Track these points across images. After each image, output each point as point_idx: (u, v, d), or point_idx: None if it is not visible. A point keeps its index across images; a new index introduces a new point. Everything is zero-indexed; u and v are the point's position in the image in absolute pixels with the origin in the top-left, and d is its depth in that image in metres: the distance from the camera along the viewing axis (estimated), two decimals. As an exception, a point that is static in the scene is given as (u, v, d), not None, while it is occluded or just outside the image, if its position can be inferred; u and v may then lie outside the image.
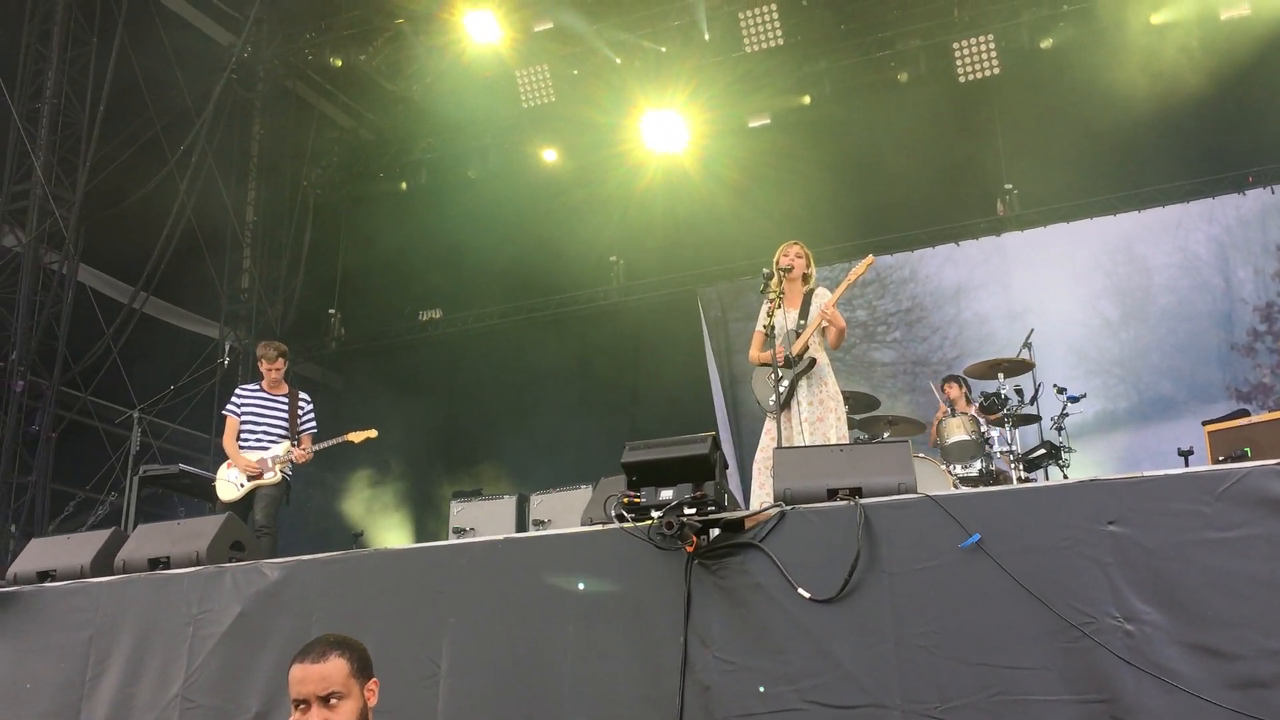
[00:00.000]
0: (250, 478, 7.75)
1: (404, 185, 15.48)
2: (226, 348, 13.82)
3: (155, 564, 5.72)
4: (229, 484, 7.78)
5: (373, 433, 8.21)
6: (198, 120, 12.88)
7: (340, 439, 8.10)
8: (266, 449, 7.84)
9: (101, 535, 6.07)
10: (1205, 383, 11.34)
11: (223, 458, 7.96)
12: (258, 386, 8.13)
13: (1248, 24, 11.18)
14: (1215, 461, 6.98)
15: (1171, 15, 11.58)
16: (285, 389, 8.15)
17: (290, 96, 14.97)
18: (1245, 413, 8.33)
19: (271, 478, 7.76)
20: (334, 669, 3.03)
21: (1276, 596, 3.67)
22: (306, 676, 3.02)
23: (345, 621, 4.66)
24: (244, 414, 7.97)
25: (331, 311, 15.42)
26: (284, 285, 14.84)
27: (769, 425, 6.53)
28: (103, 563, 5.87)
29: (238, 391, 8.21)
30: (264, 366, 8.12)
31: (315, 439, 8.11)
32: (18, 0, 11.85)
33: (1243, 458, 6.55)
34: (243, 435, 7.89)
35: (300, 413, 8.06)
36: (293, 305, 14.78)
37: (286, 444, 7.86)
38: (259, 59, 14.33)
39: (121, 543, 5.99)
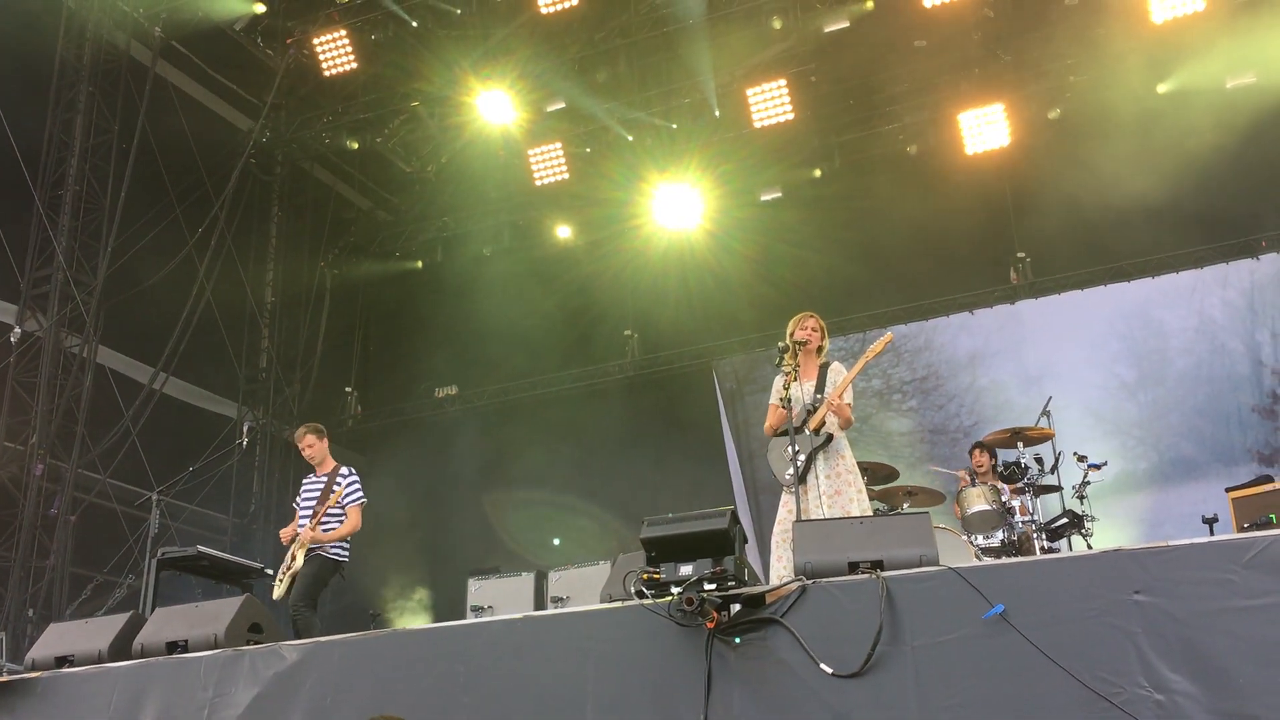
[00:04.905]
0: (287, 569, 7.63)
1: (420, 264, 15.66)
2: (245, 428, 13.87)
3: (173, 647, 5.69)
4: (276, 581, 7.69)
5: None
6: (217, 203, 13.08)
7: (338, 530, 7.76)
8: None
9: (119, 619, 6.06)
10: (1226, 445, 11.27)
11: (240, 539, 7.91)
12: (314, 471, 8.03)
13: (1254, 91, 11.29)
14: (1240, 528, 6.90)
15: (1177, 84, 11.72)
16: (330, 467, 7.97)
17: (308, 179, 15.22)
18: (1269, 479, 8.23)
19: (296, 565, 7.57)
20: None
21: (1308, 664, 3.61)
22: None
23: (363, 703, 4.62)
24: (301, 502, 7.89)
25: (349, 389, 15.49)
26: (301, 364, 14.92)
27: (786, 498, 6.50)
28: (121, 646, 5.85)
29: (303, 479, 8.12)
30: (303, 453, 8.00)
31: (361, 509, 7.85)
32: (42, 89, 12.12)
33: (1268, 524, 6.48)
34: (300, 522, 7.76)
35: (336, 487, 7.81)
36: (310, 384, 14.86)
37: (309, 525, 7.67)
38: (277, 143, 14.60)
39: (140, 626, 5.97)
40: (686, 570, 4.59)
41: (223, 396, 14.14)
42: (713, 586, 4.48)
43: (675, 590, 4.51)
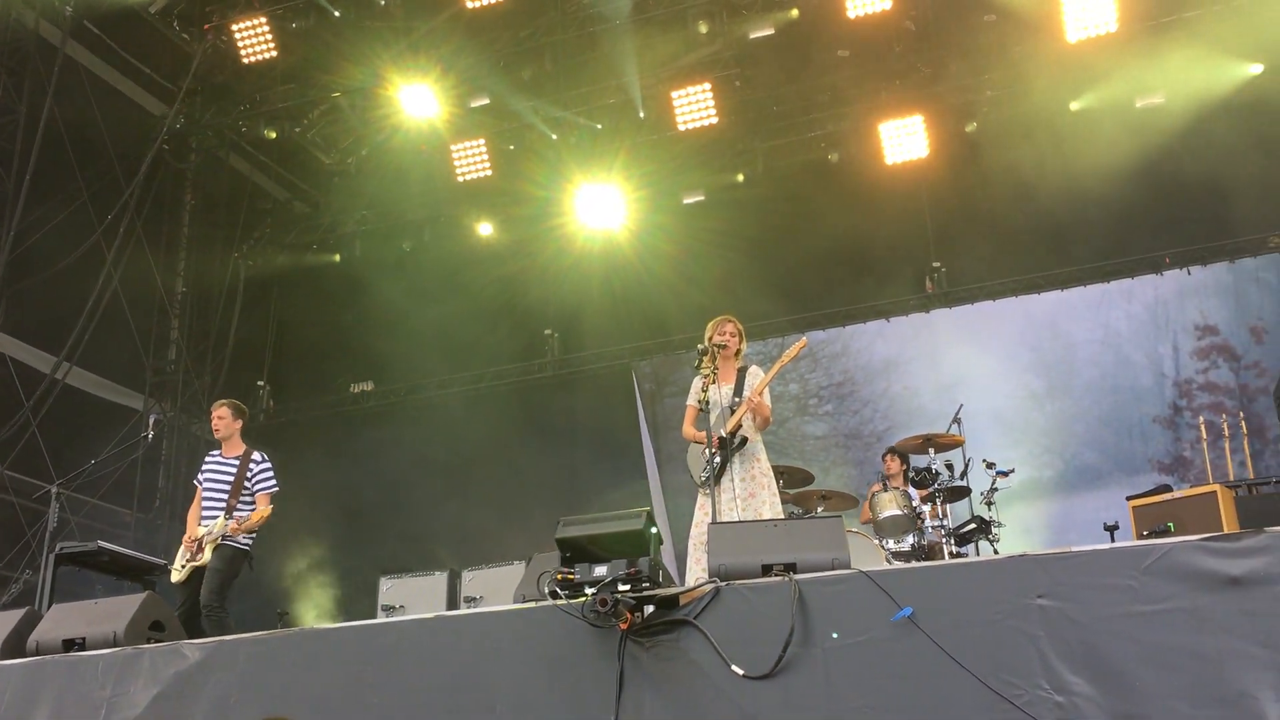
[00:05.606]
0: (190, 557, 7.26)
1: (337, 257, 15.40)
2: (151, 420, 13.51)
3: (70, 645, 5.52)
4: (176, 568, 7.33)
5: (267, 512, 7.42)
6: (127, 190, 12.73)
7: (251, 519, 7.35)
8: (214, 518, 7.35)
9: (14, 615, 5.87)
10: (1129, 454, 11.61)
11: (144, 534, 7.69)
12: (219, 450, 7.66)
13: (1162, 112, 11.63)
14: (1140, 536, 7.11)
15: (1090, 102, 12.04)
16: (239, 451, 7.59)
17: (223, 167, 14.86)
18: (1168, 488, 8.49)
19: (202, 558, 7.20)
20: None
21: (1202, 667, 3.74)
22: None
23: (267, 704, 4.53)
24: (204, 481, 7.49)
25: (261, 383, 15.18)
26: (212, 357, 14.59)
27: (702, 501, 6.54)
28: (15, 644, 5.66)
29: (206, 456, 7.71)
30: (211, 425, 7.64)
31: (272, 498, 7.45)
32: (-56, 69, 11.71)
33: (1166, 532, 6.68)
34: (203, 506, 7.41)
35: (249, 474, 7.41)
36: (221, 377, 14.53)
37: (221, 519, 7.30)
38: (192, 130, 14.25)
39: (35, 623, 5.79)
40: (601, 571, 4.59)
41: (129, 388, 13.77)
42: (627, 588, 4.48)
43: (589, 591, 4.50)
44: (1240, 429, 10.32)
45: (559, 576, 4.63)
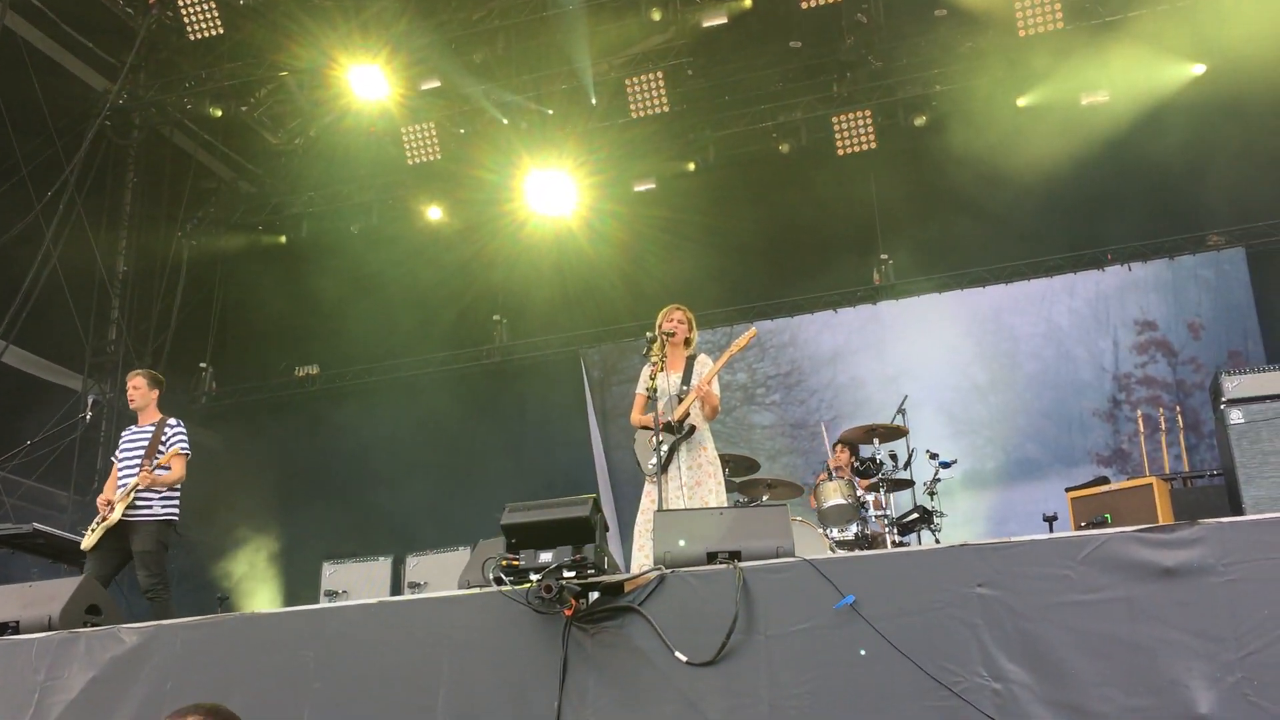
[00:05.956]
0: (101, 520, 7.06)
1: (283, 239, 15.22)
2: (89, 401, 13.27)
3: (3, 629, 5.41)
4: (88, 531, 7.13)
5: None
6: (68, 166, 12.46)
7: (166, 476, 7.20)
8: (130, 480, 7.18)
9: (-56, 598, 5.72)
10: (1068, 447, 11.82)
11: (81, 517, 7.51)
12: (134, 424, 7.51)
13: (1106, 109, 11.83)
14: (1078, 527, 7.23)
15: (1037, 98, 12.20)
16: (154, 418, 7.42)
17: (167, 145, 14.59)
18: (1105, 480, 8.65)
19: (113, 516, 6.99)
20: None
21: (1136, 656, 3.82)
22: None
23: (204, 689, 4.47)
24: (120, 455, 7.33)
25: (203, 365, 14.97)
26: (154, 338, 14.34)
27: (649, 488, 6.55)
28: (-55, 628, 5.52)
29: (122, 433, 7.59)
30: (127, 395, 7.49)
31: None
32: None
33: (1103, 524, 6.80)
34: (120, 473, 7.24)
35: (164, 437, 7.21)
36: (162, 358, 14.27)
37: (134, 479, 7.11)
38: (135, 106, 13.95)
39: (-34, 606, 5.65)
40: (546, 557, 4.58)
41: (67, 368, 13.51)
42: (572, 574, 4.48)
43: (534, 577, 4.49)
44: (1177, 423, 10.53)
45: (504, 562, 4.62)
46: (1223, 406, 6.87)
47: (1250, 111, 10.95)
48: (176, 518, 7.29)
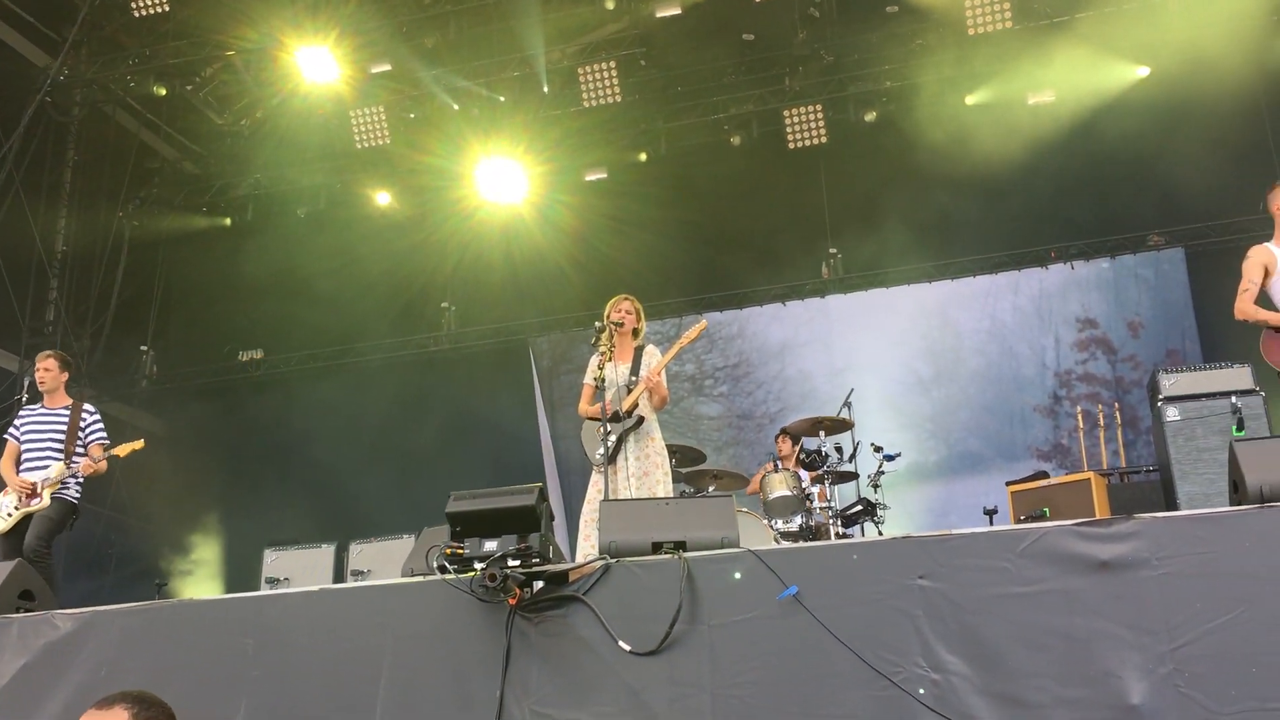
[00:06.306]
0: (21, 503, 7.14)
1: (228, 221, 14.98)
2: (25, 384, 12.98)
3: (-69, 615, 5.29)
4: (3, 515, 7.18)
5: (139, 444, 7.52)
6: (6, 144, 12.18)
7: (106, 454, 7.39)
8: (45, 468, 7.25)
9: None
10: (1009, 441, 11.99)
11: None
12: (39, 404, 7.54)
13: (1051, 109, 11.98)
14: (1017, 520, 7.35)
15: (985, 97, 12.33)
16: (66, 402, 7.52)
17: (109, 123, 14.29)
18: (1045, 474, 8.79)
19: (40, 503, 7.13)
20: None
21: (1072, 648, 3.88)
22: None
23: (140, 676, 4.40)
24: (24, 435, 7.39)
25: (144, 348, 14.70)
26: (93, 319, 14.08)
27: (596, 478, 6.56)
28: None
29: (20, 412, 7.61)
30: (36, 376, 7.53)
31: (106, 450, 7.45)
32: None
33: (1041, 517, 6.92)
34: (24, 458, 7.31)
35: (83, 424, 7.40)
36: (102, 341, 14.04)
37: (60, 464, 7.24)
38: (76, 83, 13.66)
39: (-107, 592, 5.51)
40: (491, 546, 4.57)
41: (3, 349, 13.22)
42: (516, 563, 4.47)
43: (479, 566, 4.48)
44: (1115, 419, 10.71)
45: (448, 551, 4.60)
46: (1160, 403, 7.00)
47: (1192, 114, 11.13)
48: (77, 503, 7.42)
